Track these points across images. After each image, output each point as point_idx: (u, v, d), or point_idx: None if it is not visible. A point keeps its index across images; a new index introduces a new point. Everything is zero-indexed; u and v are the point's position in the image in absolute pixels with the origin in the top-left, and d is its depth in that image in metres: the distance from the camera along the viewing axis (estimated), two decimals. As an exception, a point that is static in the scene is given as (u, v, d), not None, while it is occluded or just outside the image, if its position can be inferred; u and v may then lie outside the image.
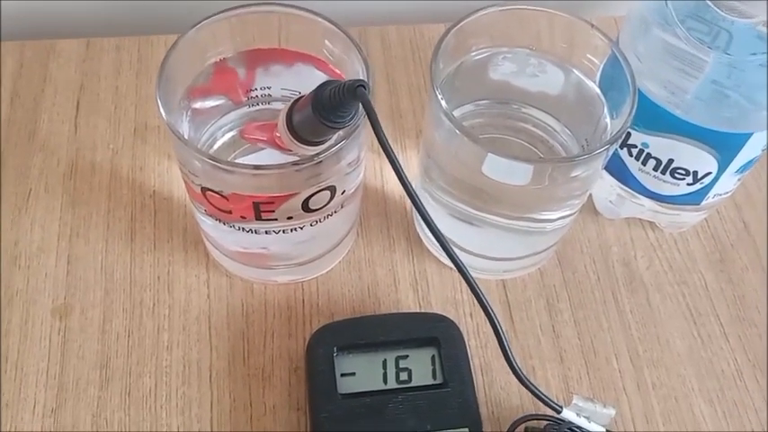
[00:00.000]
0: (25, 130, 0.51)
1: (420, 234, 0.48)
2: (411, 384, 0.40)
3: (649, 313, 0.46)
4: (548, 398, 0.38)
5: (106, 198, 0.48)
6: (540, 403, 0.38)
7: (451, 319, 0.43)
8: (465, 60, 0.42)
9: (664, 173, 0.44)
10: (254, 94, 0.42)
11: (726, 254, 0.49)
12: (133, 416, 0.42)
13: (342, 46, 0.40)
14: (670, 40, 0.39)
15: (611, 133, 0.40)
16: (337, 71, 0.40)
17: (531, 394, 0.38)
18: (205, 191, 0.38)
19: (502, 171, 0.38)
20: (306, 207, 0.39)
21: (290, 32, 0.41)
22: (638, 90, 0.39)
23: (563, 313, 0.46)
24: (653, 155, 0.44)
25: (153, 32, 0.56)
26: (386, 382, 0.40)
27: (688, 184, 0.45)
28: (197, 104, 0.41)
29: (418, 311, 0.45)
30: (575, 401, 0.39)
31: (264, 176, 0.37)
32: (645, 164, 0.45)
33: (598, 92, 0.42)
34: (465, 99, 0.44)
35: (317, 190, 0.38)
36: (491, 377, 0.44)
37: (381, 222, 0.49)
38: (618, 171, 0.46)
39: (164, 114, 0.37)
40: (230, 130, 0.43)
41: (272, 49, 0.41)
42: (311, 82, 0.36)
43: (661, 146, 0.43)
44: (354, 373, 0.41)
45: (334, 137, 0.37)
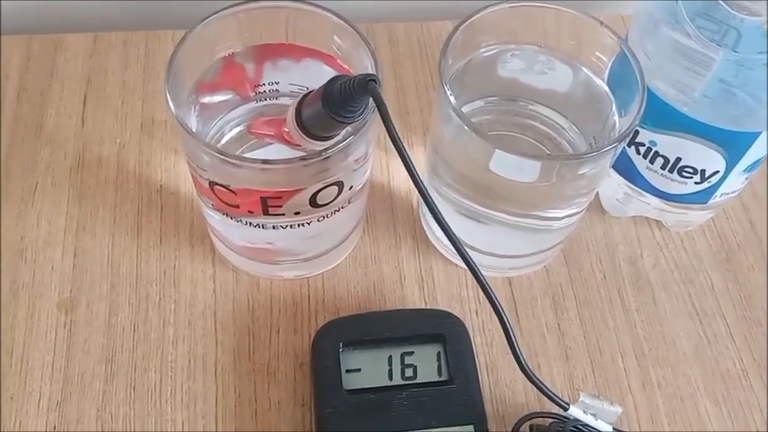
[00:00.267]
0: (32, 124, 0.51)
1: (426, 231, 0.48)
2: (416, 381, 0.40)
3: (655, 312, 0.46)
4: (555, 395, 0.38)
5: (113, 192, 0.48)
6: (546, 401, 0.38)
7: (457, 315, 0.43)
8: (473, 57, 0.42)
9: (671, 171, 0.44)
10: (262, 89, 0.42)
11: (732, 253, 0.49)
12: (138, 410, 0.42)
13: (350, 41, 0.40)
14: (679, 38, 0.39)
15: (619, 131, 0.40)
16: (345, 66, 0.40)
17: (536, 392, 0.38)
18: (213, 185, 0.38)
19: (509, 168, 0.38)
20: (313, 202, 0.39)
21: (299, 28, 0.41)
22: (647, 88, 0.38)
23: (569, 311, 0.46)
24: (661, 153, 0.44)
25: (160, 27, 0.56)
26: (391, 378, 0.40)
27: (695, 182, 0.44)
28: (205, 99, 0.41)
29: (424, 308, 0.45)
30: (582, 398, 0.39)
31: (272, 171, 0.37)
32: (652, 162, 0.44)
33: (606, 90, 0.42)
34: (473, 96, 0.44)
35: (324, 185, 0.38)
36: (496, 375, 0.44)
37: (388, 219, 0.49)
38: (625, 169, 0.46)
39: (173, 109, 0.37)
40: (238, 125, 0.43)
41: (280, 45, 0.41)
42: (319, 77, 0.36)
43: (669, 144, 0.43)
44: (360, 369, 0.41)
45: (342, 132, 0.37)
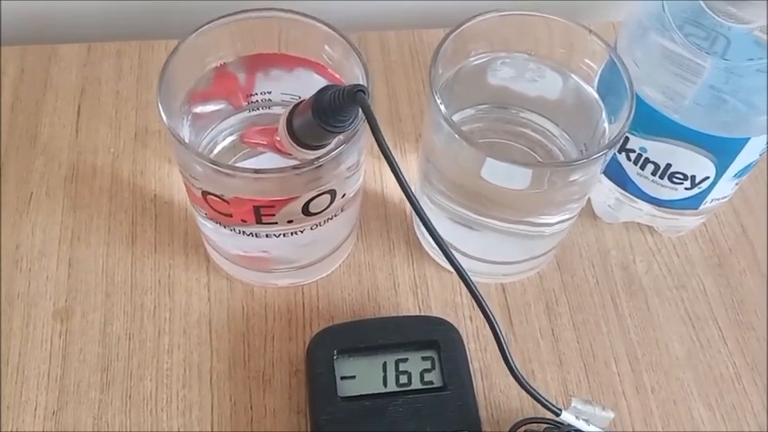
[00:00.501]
0: (26, 134, 0.51)
1: (420, 238, 0.48)
2: (411, 387, 0.41)
3: (648, 317, 0.47)
4: (547, 401, 0.38)
5: (107, 202, 0.49)
6: (540, 406, 0.38)
7: (451, 322, 0.43)
8: (464, 65, 0.43)
9: (662, 177, 0.44)
10: (254, 98, 0.42)
11: (724, 258, 0.49)
12: (134, 419, 0.42)
13: (341, 51, 0.40)
14: (668, 45, 0.39)
15: (609, 138, 0.40)
16: (337, 76, 0.41)
17: (530, 398, 0.38)
18: (206, 195, 0.38)
19: (501, 175, 0.39)
20: (306, 211, 0.39)
21: (290, 37, 0.41)
22: (636, 95, 0.39)
23: (562, 317, 0.46)
24: (651, 159, 0.44)
25: (153, 37, 0.56)
26: (386, 385, 0.41)
27: (686, 188, 0.45)
28: (197, 109, 0.41)
29: (418, 315, 0.46)
30: (573, 404, 0.39)
31: (265, 180, 0.37)
32: (643, 168, 0.45)
33: (596, 97, 0.42)
34: (464, 104, 0.44)
35: (317, 193, 0.38)
36: (490, 380, 0.44)
37: (381, 226, 0.49)
38: (616, 175, 0.47)
39: (165, 118, 0.37)
40: (230, 134, 0.43)
41: (272, 54, 0.41)
42: (311, 86, 0.36)
43: (659, 150, 0.43)
44: (354, 376, 0.41)
45: (334, 141, 0.37)
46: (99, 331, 0.44)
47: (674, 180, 0.44)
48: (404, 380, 0.41)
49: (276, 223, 0.39)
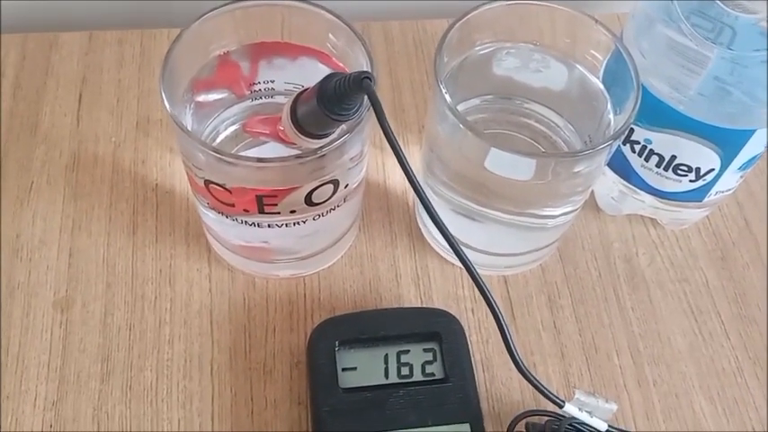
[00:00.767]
0: (27, 122, 0.51)
1: (422, 229, 0.48)
2: (412, 379, 0.40)
3: (650, 310, 0.46)
4: (551, 392, 0.38)
5: (108, 191, 0.48)
6: (541, 399, 0.38)
7: (453, 314, 0.43)
8: (469, 55, 0.42)
9: (666, 169, 0.44)
10: (257, 87, 0.42)
11: (727, 251, 0.49)
12: (134, 409, 0.42)
13: (345, 39, 0.39)
14: (674, 36, 0.39)
15: (614, 129, 0.40)
16: (341, 64, 0.40)
17: (532, 390, 0.38)
18: (208, 184, 0.38)
19: (505, 166, 0.38)
20: (309, 201, 0.39)
21: (294, 26, 0.41)
22: (642, 86, 0.39)
23: (564, 309, 0.46)
24: (656, 151, 0.44)
25: (155, 26, 0.56)
26: (387, 376, 0.41)
27: (690, 180, 0.45)
28: (200, 97, 0.41)
29: (420, 306, 0.45)
30: (577, 396, 0.39)
31: (268, 169, 0.37)
32: (647, 160, 0.45)
33: (601, 87, 0.42)
34: (468, 94, 0.44)
35: (320, 183, 0.38)
36: (492, 373, 0.44)
37: (383, 218, 0.49)
38: (620, 167, 0.46)
39: (168, 106, 0.36)
40: (233, 123, 0.43)
41: (275, 43, 0.41)
42: (315, 75, 0.36)
43: (664, 142, 0.43)
44: (356, 368, 0.41)
45: (337, 130, 0.37)
46: (99, 321, 0.44)
47: (679, 172, 0.44)
48: (405, 371, 0.41)
49: (279, 213, 0.39)
